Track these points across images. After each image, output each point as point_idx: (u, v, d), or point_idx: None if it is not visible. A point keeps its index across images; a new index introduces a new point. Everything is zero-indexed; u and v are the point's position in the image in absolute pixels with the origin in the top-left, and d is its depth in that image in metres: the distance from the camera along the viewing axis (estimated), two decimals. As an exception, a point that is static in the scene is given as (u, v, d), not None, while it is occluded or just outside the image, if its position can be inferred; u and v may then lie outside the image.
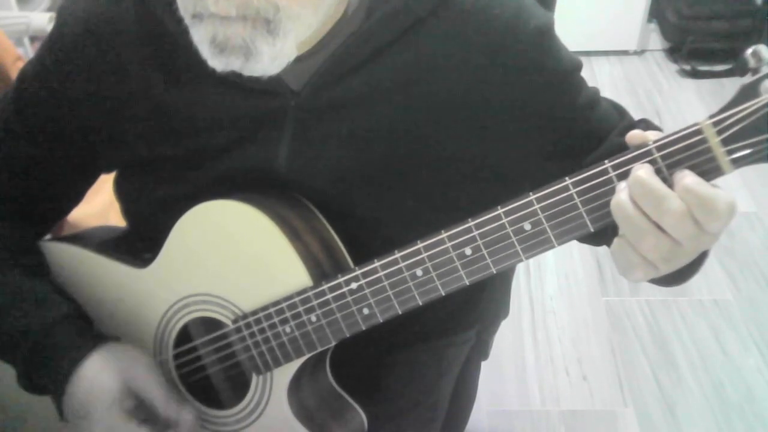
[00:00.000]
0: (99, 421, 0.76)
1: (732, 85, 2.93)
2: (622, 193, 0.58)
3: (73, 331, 0.80)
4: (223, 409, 0.84)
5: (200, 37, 0.66)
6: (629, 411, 1.74)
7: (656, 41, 3.26)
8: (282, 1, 0.64)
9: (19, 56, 1.44)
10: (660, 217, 0.56)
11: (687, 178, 0.56)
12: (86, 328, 0.82)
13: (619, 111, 0.83)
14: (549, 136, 0.79)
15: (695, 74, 3.04)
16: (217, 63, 0.67)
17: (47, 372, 0.79)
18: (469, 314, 1.05)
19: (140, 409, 0.78)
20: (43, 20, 1.81)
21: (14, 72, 1.38)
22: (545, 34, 0.76)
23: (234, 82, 0.73)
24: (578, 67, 0.80)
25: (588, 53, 3.20)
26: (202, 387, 0.86)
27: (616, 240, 0.61)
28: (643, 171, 0.57)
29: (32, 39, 1.97)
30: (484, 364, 1.20)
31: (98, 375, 0.77)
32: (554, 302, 2.06)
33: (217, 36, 0.65)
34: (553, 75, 0.77)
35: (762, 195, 2.38)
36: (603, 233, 0.66)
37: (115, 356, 0.79)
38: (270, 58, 0.67)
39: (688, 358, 1.86)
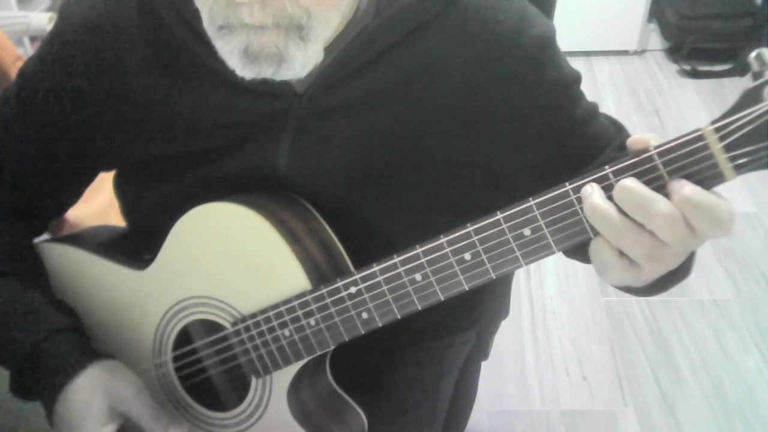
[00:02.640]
0: None
1: (732, 85, 2.94)
2: (594, 197, 0.58)
3: (63, 348, 0.79)
4: (222, 411, 0.84)
5: (231, 49, 0.66)
6: (629, 411, 1.74)
7: (656, 41, 3.25)
8: (313, 6, 0.64)
9: (19, 56, 1.44)
10: (649, 221, 0.56)
11: (686, 188, 0.56)
12: (78, 344, 0.81)
13: (617, 127, 0.83)
14: (546, 146, 0.79)
15: (695, 74, 3.03)
16: (247, 72, 0.66)
17: (37, 385, 0.79)
18: (469, 315, 1.05)
19: (128, 428, 0.79)
20: (43, 20, 1.81)
21: (14, 72, 1.38)
22: (547, 44, 0.76)
23: (236, 83, 0.72)
24: (578, 79, 0.80)
25: (588, 53, 3.20)
26: (202, 389, 0.85)
27: (593, 240, 0.61)
28: (629, 180, 0.57)
29: (32, 39, 1.97)
30: (484, 364, 1.20)
31: (85, 396, 0.77)
32: (554, 302, 2.06)
33: (251, 46, 0.64)
34: (552, 85, 0.77)
35: (762, 195, 2.37)
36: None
37: (103, 377, 0.78)
38: (301, 64, 0.67)
39: (688, 358, 1.86)
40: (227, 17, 0.64)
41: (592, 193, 0.59)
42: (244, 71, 0.67)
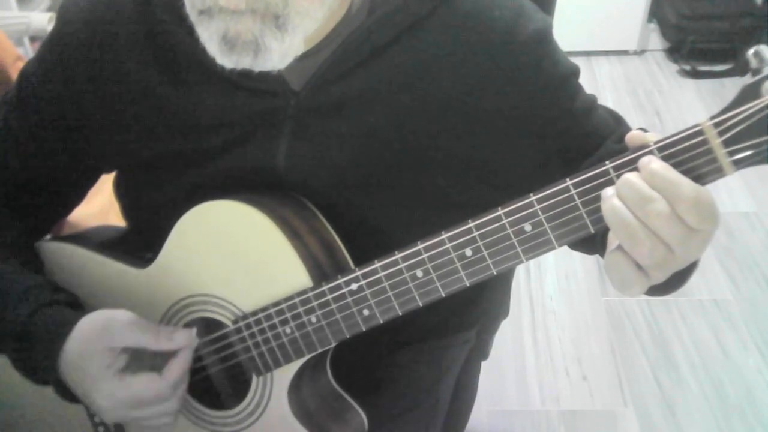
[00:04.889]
0: (102, 394, 0.75)
1: (732, 85, 2.94)
2: (613, 199, 0.58)
3: (49, 320, 0.78)
4: (223, 409, 0.84)
5: (210, 34, 0.66)
6: (629, 411, 1.74)
7: (656, 41, 3.26)
8: None
9: (19, 56, 1.44)
10: (648, 218, 0.56)
11: (653, 162, 0.56)
12: (63, 312, 0.79)
13: (616, 119, 0.83)
14: (545, 140, 0.79)
15: (695, 74, 3.04)
16: (226, 61, 0.66)
17: (37, 361, 0.78)
18: (469, 314, 1.05)
19: (138, 357, 0.77)
20: (43, 20, 1.81)
21: (14, 72, 1.38)
22: (543, 38, 0.76)
23: (234, 81, 0.73)
24: (575, 72, 0.80)
25: (588, 53, 3.20)
26: (203, 387, 0.85)
27: (607, 255, 0.60)
28: (632, 174, 0.57)
29: (32, 39, 1.97)
30: (484, 364, 1.20)
31: (82, 355, 0.75)
32: (554, 302, 2.06)
33: (228, 32, 0.65)
34: (549, 79, 0.77)
35: (762, 195, 2.38)
36: (593, 238, 0.66)
37: (90, 326, 0.76)
38: (279, 55, 0.67)
39: (688, 358, 1.86)
40: (204, 0, 0.65)
41: (613, 195, 0.58)
42: (224, 59, 0.67)
